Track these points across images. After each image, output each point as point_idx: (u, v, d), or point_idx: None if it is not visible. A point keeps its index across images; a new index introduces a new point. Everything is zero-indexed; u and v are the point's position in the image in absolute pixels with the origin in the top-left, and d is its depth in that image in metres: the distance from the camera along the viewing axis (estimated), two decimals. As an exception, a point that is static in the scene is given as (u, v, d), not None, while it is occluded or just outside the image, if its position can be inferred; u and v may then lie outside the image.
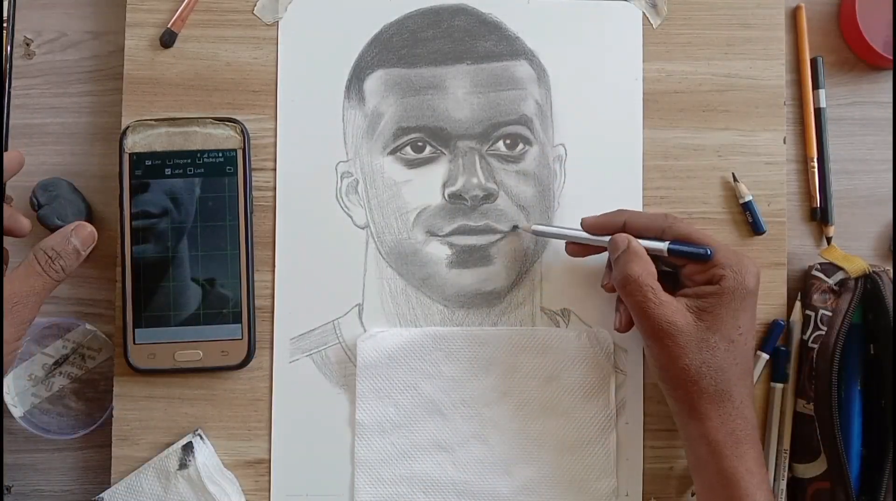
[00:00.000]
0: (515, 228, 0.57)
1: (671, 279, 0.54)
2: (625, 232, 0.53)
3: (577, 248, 0.56)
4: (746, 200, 0.58)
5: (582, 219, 0.55)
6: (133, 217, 0.55)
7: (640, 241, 0.52)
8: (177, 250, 0.56)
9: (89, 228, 0.50)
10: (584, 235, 0.55)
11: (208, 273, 0.56)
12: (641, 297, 0.50)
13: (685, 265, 0.52)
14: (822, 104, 0.60)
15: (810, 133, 0.60)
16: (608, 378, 0.57)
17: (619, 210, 0.55)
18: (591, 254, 0.56)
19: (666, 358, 0.50)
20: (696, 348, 0.49)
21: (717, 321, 0.50)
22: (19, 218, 0.52)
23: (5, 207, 0.51)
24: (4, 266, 0.53)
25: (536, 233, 0.56)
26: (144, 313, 0.55)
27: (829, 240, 0.60)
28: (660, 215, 0.53)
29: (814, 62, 0.60)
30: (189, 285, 0.55)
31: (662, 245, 0.52)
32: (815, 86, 0.60)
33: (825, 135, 0.60)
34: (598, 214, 0.55)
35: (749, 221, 0.58)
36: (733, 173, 0.58)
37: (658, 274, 0.52)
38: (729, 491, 0.48)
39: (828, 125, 0.60)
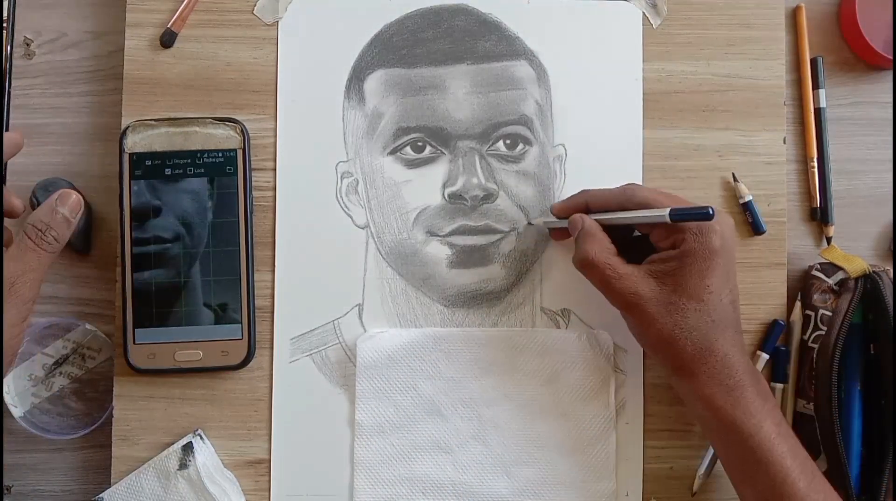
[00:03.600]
0: (530, 225, 0.58)
1: (640, 250, 0.53)
2: (588, 211, 0.54)
3: (558, 233, 0.57)
4: (746, 200, 0.57)
5: (551, 205, 0.57)
6: (133, 217, 0.55)
7: (640, 212, 0.51)
8: (177, 251, 0.56)
9: (74, 194, 0.50)
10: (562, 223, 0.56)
11: (208, 273, 0.56)
12: (601, 274, 0.51)
13: (651, 232, 0.52)
14: (822, 104, 0.60)
15: (810, 133, 0.60)
16: (608, 379, 0.57)
17: (581, 191, 0.56)
18: (568, 237, 0.56)
19: (639, 327, 0.51)
20: (666, 312, 0.49)
21: (681, 283, 0.49)
22: (12, 198, 0.51)
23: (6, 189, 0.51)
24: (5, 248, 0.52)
25: (534, 224, 0.58)
26: (144, 313, 0.55)
27: (829, 240, 0.60)
28: (618, 189, 0.54)
29: (814, 62, 0.60)
30: (189, 285, 0.55)
31: (664, 212, 0.50)
32: (816, 86, 0.60)
33: (825, 135, 0.60)
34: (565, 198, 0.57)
35: (749, 221, 0.58)
36: (733, 174, 0.58)
37: (631, 243, 0.53)
38: (734, 437, 0.48)
39: (827, 125, 0.60)
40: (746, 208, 0.58)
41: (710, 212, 0.48)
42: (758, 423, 0.48)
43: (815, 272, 0.57)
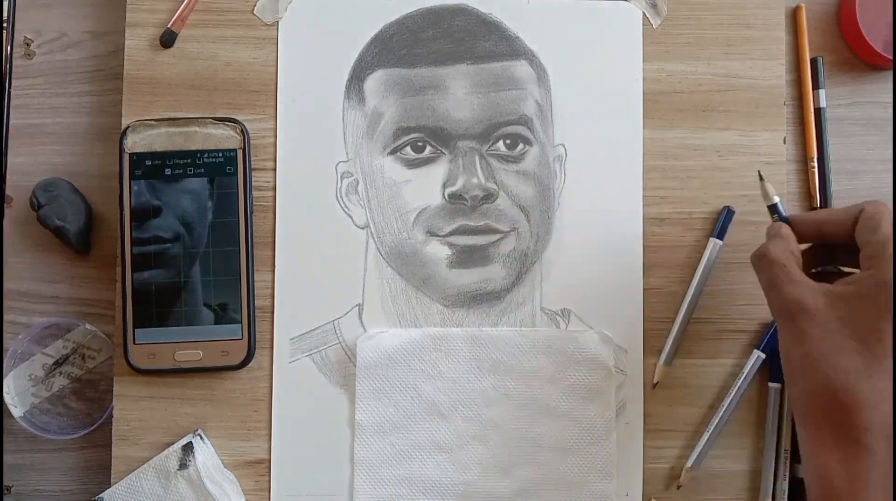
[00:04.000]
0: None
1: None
2: (820, 237, 0.48)
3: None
4: (773, 201, 0.52)
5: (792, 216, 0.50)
6: (133, 218, 0.55)
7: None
8: (177, 251, 0.56)
9: None
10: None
11: (208, 273, 0.56)
12: (771, 273, 0.46)
13: (864, 246, 0.45)
14: (823, 104, 0.60)
15: (810, 133, 0.60)
16: (609, 380, 0.57)
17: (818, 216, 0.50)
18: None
19: (789, 342, 0.44)
20: (820, 336, 0.42)
21: (851, 313, 0.42)
22: None
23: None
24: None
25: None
26: (144, 313, 0.55)
27: None
28: (853, 216, 0.46)
29: (814, 62, 0.60)
30: (189, 285, 0.55)
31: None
32: (816, 86, 0.60)
33: (825, 135, 0.60)
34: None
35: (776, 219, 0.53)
36: (759, 171, 0.54)
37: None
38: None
39: (827, 125, 0.60)
40: (774, 210, 0.52)
41: None
42: None
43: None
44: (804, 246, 0.50)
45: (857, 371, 0.40)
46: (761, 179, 0.53)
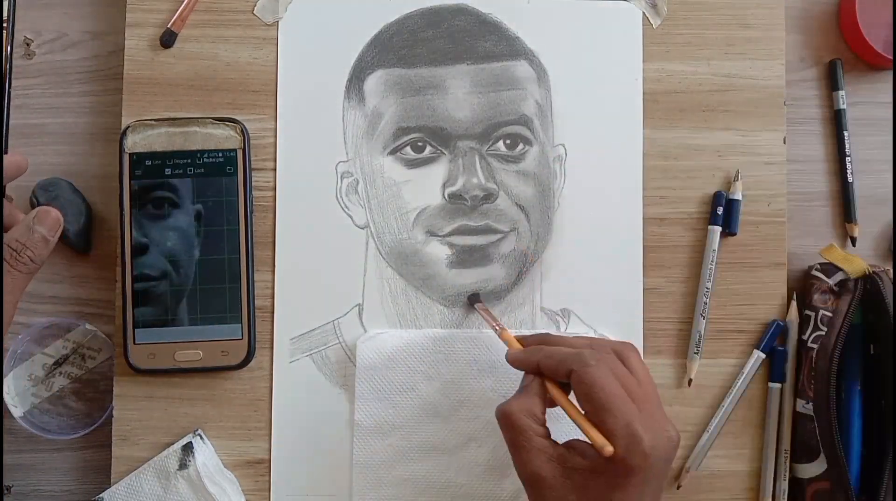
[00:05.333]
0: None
1: None
2: (538, 371, 0.49)
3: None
4: (733, 197, 0.57)
5: (506, 353, 0.52)
6: (133, 217, 0.55)
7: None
8: (177, 251, 0.56)
9: (53, 212, 0.48)
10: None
11: (208, 273, 0.56)
12: (512, 435, 0.46)
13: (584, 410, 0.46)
14: (843, 106, 0.60)
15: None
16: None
17: (539, 345, 0.51)
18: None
19: None
20: None
21: (586, 485, 0.44)
22: (16, 214, 0.51)
23: (8, 205, 0.51)
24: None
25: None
26: (144, 313, 0.55)
27: (853, 240, 0.60)
28: (571, 357, 0.47)
29: (833, 64, 0.60)
30: (189, 285, 0.55)
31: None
32: (835, 87, 0.60)
33: (844, 135, 0.60)
34: (522, 347, 0.52)
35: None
36: (737, 171, 0.58)
37: None
38: None
39: (827, 125, 0.60)
40: (731, 203, 0.57)
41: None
42: None
43: (815, 273, 0.57)
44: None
45: None
46: (735, 179, 0.56)
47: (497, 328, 0.54)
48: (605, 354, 0.48)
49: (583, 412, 0.46)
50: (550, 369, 0.48)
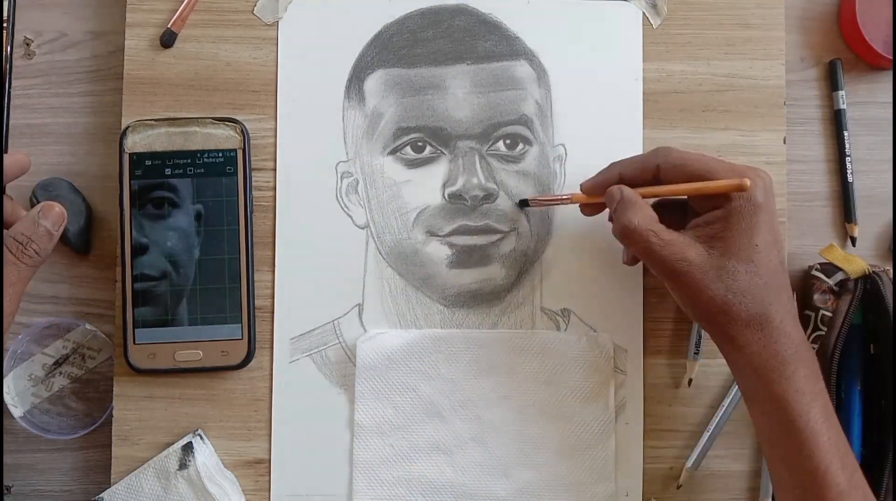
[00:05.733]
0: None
1: (681, 213, 0.52)
2: (621, 183, 0.52)
3: (590, 208, 0.55)
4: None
5: (581, 184, 0.54)
6: (133, 217, 0.55)
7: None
8: (177, 251, 0.56)
9: (57, 207, 0.50)
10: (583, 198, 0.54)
11: (208, 273, 0.56)
12: (645, 242, 0.48)
13: (687, 182, 0.50)
14: (843, 106, 0.60)
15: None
16: (608, 382, 0.57)
17: (611, 164, 0.53)
18: (603, 211, 0.55)
19: (689, 295, 0.48)
20: (716, 277, 0.47)
21: (729, 244, 0.47)
22: (19, 210, 0.51)
23: (10, 202, 0.51)
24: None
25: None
26: (144, 313, 0.55)
27: (853, 240, 0.60)
28: (650, 154, 0.52)
29: (833, 64, 0.60)
30: (189, 284, 0.55)
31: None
32: (835, 87, 0.60)
33: (844, 136, 0.60)
34: (594, 174, 0.54)
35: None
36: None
37: (667, 211, 0.51)
38: (781, 416, 0.46)
39: (827, 125, 0.60)
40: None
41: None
42: (808, 403, 0.46)
43: (815, 273, 0.57)
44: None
45: (757, 286, 0.47)
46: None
47: (565, 198, 0.55)
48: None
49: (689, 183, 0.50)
50: (635, 169, 0.51)
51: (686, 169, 0.49)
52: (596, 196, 0.53)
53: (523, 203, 0.57)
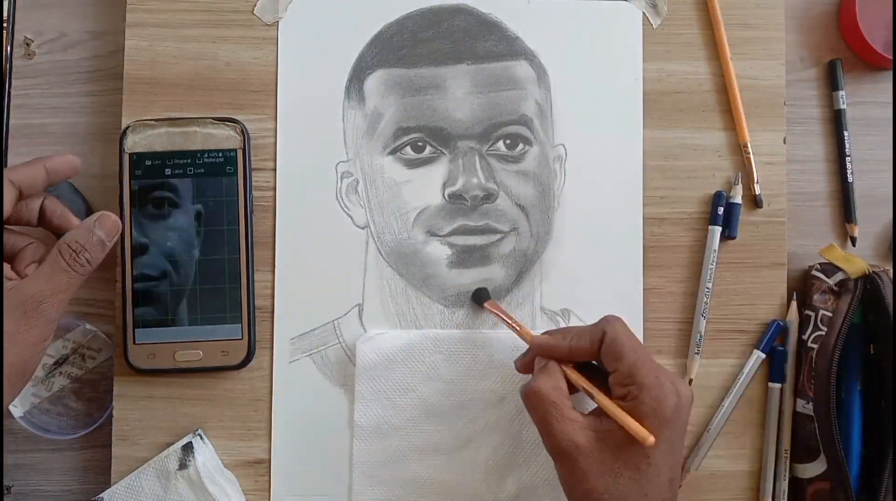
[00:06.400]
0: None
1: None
2: (570, 351, 0.50)
3: (524, 365, 0.53)
4: (734, 201, 0.58)
5: (533, 336, 0.53)
6: (133, 217, 0.55)
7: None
8: (177, 251, 0.56)
9: (113, 217, 0.50)
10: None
11: (208, 273, 0.56)
12: (544, 411, 0.48)
13: (612, 372, 0.48)
14: (843, 106, 0.60)
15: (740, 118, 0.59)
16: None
17: (566, 328, 0.53)
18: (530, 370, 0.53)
19: (568, 479, 0.48)
20: (598, 472, 0.46)
21: (620, 446, 0.46)
22: (70, 217, 0.51)
23: (60, 205, 0.51)
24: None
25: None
26: (144, 313, 0.55)
27: (853, 240, 0.60)
28: (598, 326, 0.50)
29: (833, 64, 0.60)
30: (189, 285, 0.55)
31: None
32: (835, 87, 0.60)
33: (845, 136, 0.60)
34: (547, 336, 0.52)
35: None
36: (739, 174, 0.58)
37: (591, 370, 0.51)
38: None
39: (827, 125, 0.60)
40: (731, 207, 0.58)
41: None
42: None
43: (815, 273, 0.57)
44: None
45: (634, 496, 0.46)
46: (735, 183, 0.56)
47: (516, 326, 0.54)
48: (615, 321, 0.50)
49: (609, 399, 0.48)
50: (581, 348, 0.50)
51: (617, 358, 0.48)
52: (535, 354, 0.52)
53: (477, 299, 0.57)
